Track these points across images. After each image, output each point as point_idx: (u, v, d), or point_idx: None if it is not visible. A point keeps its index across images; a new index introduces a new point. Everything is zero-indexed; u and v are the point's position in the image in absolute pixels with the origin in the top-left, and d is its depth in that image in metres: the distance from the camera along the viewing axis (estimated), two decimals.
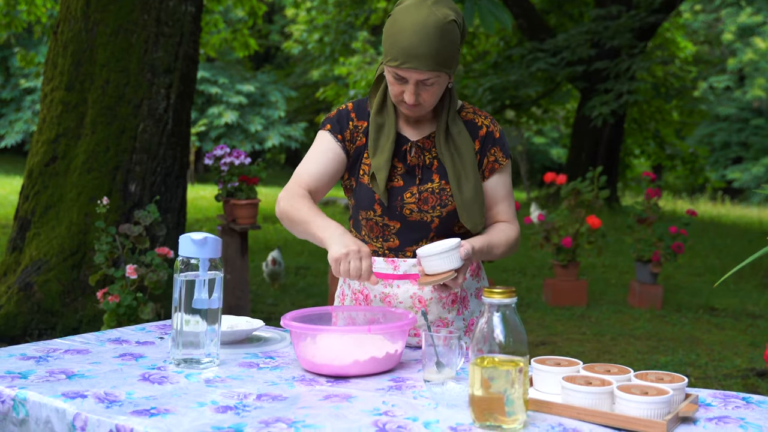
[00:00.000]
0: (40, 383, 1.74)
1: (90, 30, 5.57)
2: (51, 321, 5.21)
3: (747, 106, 26.42)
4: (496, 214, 2.27)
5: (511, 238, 2.24)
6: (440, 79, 2.08)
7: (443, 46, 2.02)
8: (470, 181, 2.16)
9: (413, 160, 2.19)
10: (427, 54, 2.01)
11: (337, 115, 2.26)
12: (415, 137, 2.22)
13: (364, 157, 2.22)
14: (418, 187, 2.18)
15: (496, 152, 2.24)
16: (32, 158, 5.65)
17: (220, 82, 23.24)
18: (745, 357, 5.80)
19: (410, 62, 2.02)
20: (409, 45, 2.01)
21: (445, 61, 2.04)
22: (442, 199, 2.17)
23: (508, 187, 2.28)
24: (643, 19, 14.25)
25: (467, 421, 1.55)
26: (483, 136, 2.24)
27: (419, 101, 2.10)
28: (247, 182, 5.52)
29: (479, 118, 2.26)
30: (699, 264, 10.54)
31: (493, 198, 2.25)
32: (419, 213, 2.17)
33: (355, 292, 2.27)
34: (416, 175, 2.19)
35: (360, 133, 2.24)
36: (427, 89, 2.08)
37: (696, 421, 1.61)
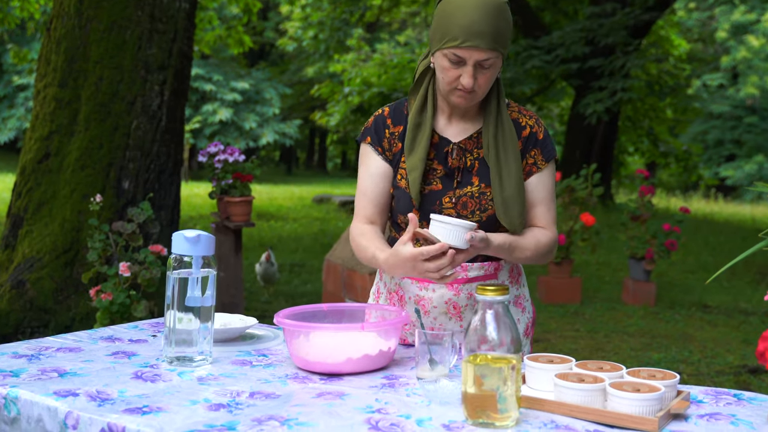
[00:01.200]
0: (31, 381, 1.74)
1: (83, 26, 5.56)
2: (44, 319, 5.20)
3: (740, 104, 26.46)
4: (532, 218, 2.19)
5: (542, 244, 2.15)
6: (497, 62, 2.03)
7: (502, 25, 1.99)
8: (512, 179, 2.09)
9: (454, 163, 2.13)
10: (488, 32, 1.96)
11: (374, 123, 2.23)
12: (457, 138, 2.16)
13: (401, 162, 2.18)
14: (455, 191, 2.13)
15: (536, 154, 2.17)
16: (25, 155, 5.63)
17: (215, 79, 23.22)
18: (738, 354, 5.82)
19: (471, 40, 1.96)
20: (470, 22, 1.96)
21: (504, 41, 2.00)
22: (481, 203, 2.12)
23: (547, 190, 2.19)
24: (638, 16, 14.27)
25: (460, 419, 1.55)
26: (525, 137, 2.17)
27: (474, 87, 2.03)
28: (241, 179, 5.52)
29: (524, 118, 2.19)
30: (692, 261, 10.56)
31: (529, 201, 2.17)
32: (458, 218, 2.09)
33: (390, 291, 2.24)
34: (455, 178, 2.13)
35: (396, 139, 2.19)
36: (485, 73, 2.02)
37: (687, 417, 1.61)
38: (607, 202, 15.89)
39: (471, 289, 2.14)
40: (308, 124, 30.58)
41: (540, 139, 2.18)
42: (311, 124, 29.00)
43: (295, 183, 25.24)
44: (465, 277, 2.13)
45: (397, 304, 2.21)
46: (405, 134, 2.17)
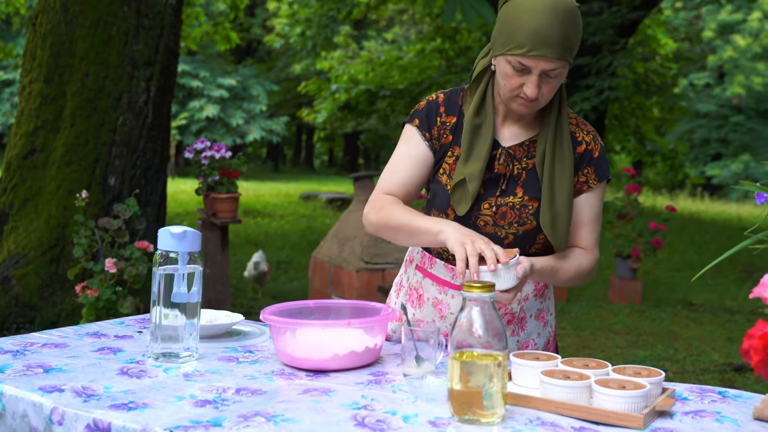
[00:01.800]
0: (17, 377, 1.73)
1: (69, 22, 5.53)
2: (29, 315, 5.17)
3: (727, 103, 26.61)
4: (576, 238, 2.07)
5: (583, 267, 2.05)
6: (563, 71, 1.90)
7: (573, 33, 1.86)
8: (564, 194, 1.98)
9: (500, 169, 2.02)
10: (557, 40, 1.83)
11: (427, 107, 2.09)
12: (508, 143, 2.04)
13: (447, 155, 2.06)
14: (497, 199, 2.02)
15: (589, 173, 2.05)
16: (10, 151, 5.60)
17: (201, 75, 23.15)
18: (723, 352, 5.85)
19: (538, 49, 1.83)
20: (538, 27, 1.82)
21: (572, 49, 1.87)
22: (521, 216, 2.01)
23: (595, 210, 2.07)
24: (625, 15, 14.31)
25: (446, 415, 1.56)
26: (580, 154, 2.05)
27: (538, 96, 1.91)
28: (227, 176, 5.51)
29: (581, 133, 2.07)
30: (678, 260, 10.61)
31: (576, 221, 2.05)
32: (494, 227, 2.02)
33: (411, 287, 2.19)
34: (499, 186, 2.02)
35: (447, 129, 2.07)
36: (550, 82, 1.90)
37: (672, 415, 1.62)
38: None
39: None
40: (295, 121, 30.55)
41: (595, 158, 2.05)
42: (298, 121, 28.97)
43: (282, 180, 25.20)
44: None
45: (416, 302, 2.17)
46: (456, 127, 2.06)
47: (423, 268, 2.16)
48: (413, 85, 16.96)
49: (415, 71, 17.72)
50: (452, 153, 2.06)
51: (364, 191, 6.89)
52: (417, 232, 1.95)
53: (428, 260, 2.14)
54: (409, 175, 2.08)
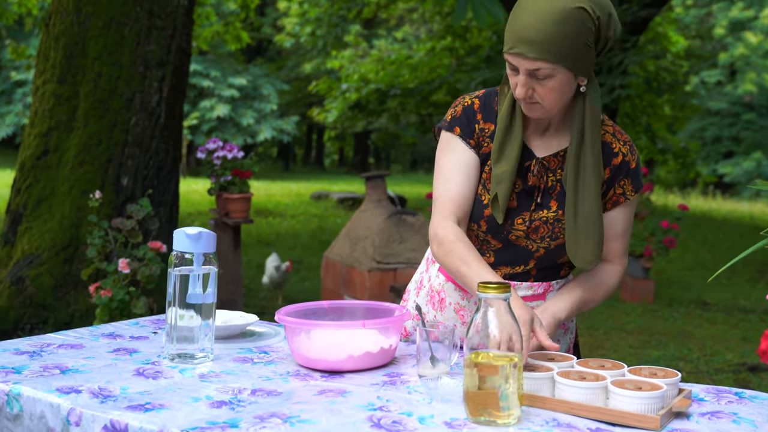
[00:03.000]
0: (34, 378, 1.74)
1: (82, 23, 5.55)
2: (43, 315, 5.20)
3: (738, 101, 26.50)
4: (608, 251, 2.04)
5: (610, 286, 2.05)
6: (558, 74, 1.82)
7: (561, 34, 1.78)
8: (589, 212, 1.91)
9: (534, 180, 1.97)
10: (538, 39, 1.78)
11: (464, 114, 2.02)
12: (542, 153, 1.98)
13: (486, 165, 2.01)
14: (530, 214, 1.97)
15: (626, 185, 1.99)
16: (24, 151, 5.63)
17: (212, 75, 23.20)
18: (737, 351, 5.82)
19: (518, 46, 1.80)
20: (520, 27, 1.80)
21: (561, 51, 1.79)
22: (554, 231, 1.97)
23: (627, 222, 2.03)
24: (635, 13, 14.26)
25: (462, 416, 1.55)
26: (616, 166, 1.98)
27: (535, 98, 1.86)
28: (240, 176, 5.52)
29: (617, 143, 1.99)
30: (691, 258, 10.57)
31: (608, 233, 2.00)
32: (526, 240, 1.99)
33: (433, 289, 2.18)
34: (533, 199, 1.98)
35: (486, 137, 2.01)
36: (542, 84, 1.84)
37: (689, 416, 1.61)
38: None
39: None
40: (306, 121, 30.57)
41: (632, 169, 1.99)
42: (309, 120, 28.99)
43: (293, 179, 25.24)
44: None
45: (437, 305, 2.16)
46: (494, 134, 1.99)
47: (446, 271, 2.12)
48: (423, 84, 16.95)
49: (426, 70, 17.71)
50: (489, 164, 2.00)
51: (375, 191, 6.89)
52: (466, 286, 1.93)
53: None
54: (465, 189, 2.00)
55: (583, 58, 1.84)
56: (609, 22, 1.85)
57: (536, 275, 2.06)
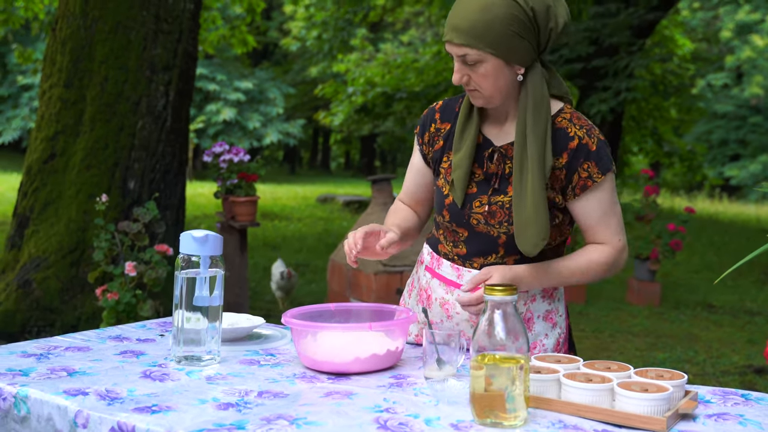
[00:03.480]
0: (41, 380, 1.75)
1: (89, 27, 5.57)
2: (50, 318, 5.21)
3: (745, 104, 26.44)
4: (592, 235, 2.06)
5: (595, 261, 2.04)
6: (487, 61, 1.90)
7: (485, 20, 1.86)
8: (531, 199, 1.94)
9: (492, 168, 2.04)
10: (464, 26, 1.88)
11: (425, 115, 2.18)
12: (500, 142, 2.05)
13: (443, 161, 2.11)
14: (489, 198, 2.03)
15: (590, 167, 1.99)
16: (31, 155, 5.65)
17: (218, 78, 23.23)
18: (743, 354, 5.81)
19: (448, 34, 1.92)
20: (451, 16, 1.92)
21: (485, 37, 1.87)
22: (510, 215, 2.00)
23: (605, 205, 2.02)
24: (642, 16, 14.25)
25: (468, 418, 1.56)
26: (573, 149, 1.99)
27: (472, 85, 1.95)
28: (246, 179, 5.52)
29: (573, 128, 2.01)
30: (697, 261, 10.55)
31: (586, 220, 2.03)
32: (486, 226, 2.03)
33: (421, 288, 2.21)
34: (491, 185, 2.04)
35: (440, 136, 2.13)
36: (475, 71, 1.92)
37: (695, 417, 1.61)
38: None
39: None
40: (312, 124, 30.59)
41: (593, 151, 1.99)
42: (315, 123, 29.02)
43: (299, 183, 25.26)
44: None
45: (425, 302, 2.18)
46: (449, 133, 2.11)
47: (431, 268, 2.18)
48: (429, 88, 16.95)
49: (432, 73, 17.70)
50: (447, 158, 2.11)
51: (381, 194, 6.89)
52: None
53: (436, 261, 2.16)
54: (412, 183, 2.24)
55: (513, 47, 1.90)
56: (547, 14, 1.92)
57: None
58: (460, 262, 2.09)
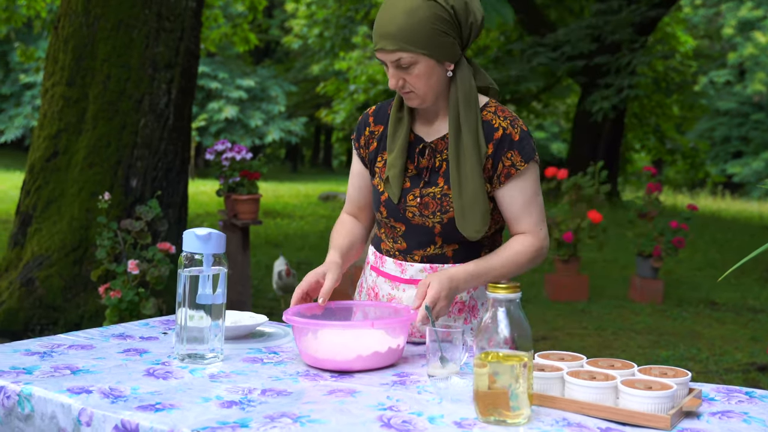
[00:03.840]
0: (45, 379, 1.75)
1: (91, 25, 5.57)
2: (53, 316, 5.21)
3: (747, 101, 26.41)
4: (515, 224, 2.13)
5: (521, 252, 2.10)
6: (420, 62, 1.98)
7: (411, 24, 1.94)
8: (471, 185, 2.04)
9: (423, 162, 2.12)
10: (392, 32, 1.96)
11: (360, 120, 2.28)
12: (430, 138, 2.14)
13: (377, 161, 2.20)
14: (420, 190, 2.12)
15: (513, 156, 2.07)
16: (33, 153, 5.65)
17: (220, 77, 23.23)
18: (746, 351, 5.81)
19: (379, 42, 1.99)
20: (378, 24, 1.99)
21: (414, 39, 1.95)
22: (443, 205, 2.09)
23: (527, 193, 2.10)
24: (644, 13, 14.24)
25: (472, 416, 1.56)
26: (498, 140, 2.07)
27: (407, 87, 2.03)
28: (248, 177, 5.52)
29: (497, 120, 2.10)
30: (700, 258, 10.54)
31: (510, 206, 2.11)
32: (421, 217, 2.11)
33: (369, 287, 2.28)
34: (422, 178, 2.12)
35: (374, 138, 2.22)
36: (410, 74, 2.00)
37: (700, 415, 1.61)
38: (613, 199, 15.87)
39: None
40: (314, 122, 30.60)
41: (516, 141, 2.07)
42: (317, 121, 29.03)
43: (301, 181, 25.26)
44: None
45: (374, 300, 2.25)
46: (383, 135, 2.20)
47: (376, 267, 2.26)
48: None
49: None
50: (381, 158, 2.19)
51: None
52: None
53: (380, 259, 2.24)
54: (355, 188, 2.31)
55: (441, 45, 1.99)
56: (466, 10, 2.02)
57: (454, 257, 2.14)
58: (401, 257, 2.17)
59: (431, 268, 2.13)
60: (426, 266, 2.13)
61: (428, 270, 2.13)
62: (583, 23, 14.81)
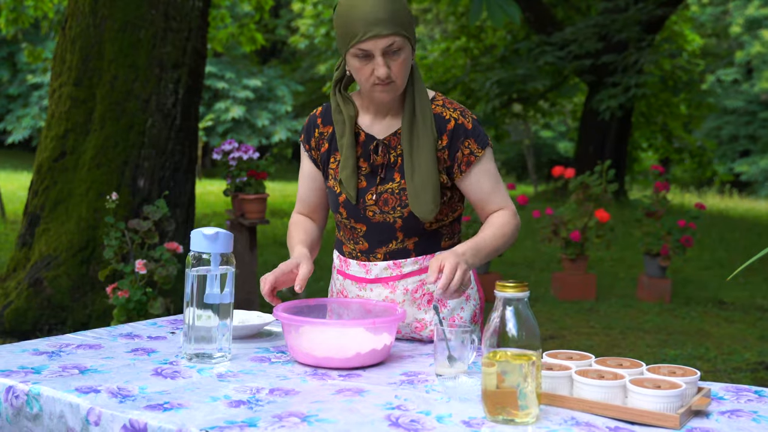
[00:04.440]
0: (53, 378, 1.75)
1: (98, 25, 5.58)
2: (61, 316, 5.22)
3: (755, 99, 26.32)
4: (485, 206, 2.18)
5: (505, 224, 2.14)
6: (405, 47, 2.02)
7: (397, 8, 2.00)
8: (423, 168, 2.08)
9: (378, 160, 2.14)
10: (385, 17, 1.97)
11: (307, 123, 2.27)
12: (382, 135, 2.17)
13: (330, 162, 2.21)
14: (377, 188, 2.14)
15: (470, 144, 2.12)
16: (41, 154, 5.66)
17: (227, 76, 23.24)
18: (755, 350, 5.79)
19: (371, 30, 1.97)
20: (364, 14, 1.98)
21: (403, 23, 2.00)
22: (401, 199, 2.12)
23: (492, 175, 2.17)
24: (651, 11, 14.20)
25: (480, 415, 1.55)
26: (451, 130, 2.12)
27: (392, 77, 2.03)
28: (255, 177, 5.53)
29: (447, 111, 2.14)
30: (707, 257, 10.52)
31: (478, 190, 2.16)
32: (381, 214, 2.14)
33: (338, 291, 2.30)
34: (378, 175, 2.15)
35: (324, 139, 2.23)
36: (395, 60, 2.02)
37: (709, 414, 1.60)
38: (621, 198, 15.84)
39: (407, 284, 2.17)
40: None
41: (470, 129, 2.13)
42: None
43: None
44: (399, 273, 2.17)
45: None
46: (333, 135, 2.21)
47: (342, 271, 2.27)
48: (438, 85, 16.94)
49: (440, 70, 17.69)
50: (334, 159, 2.21)
51: None
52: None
53: (344, 263, 2.26)
54: (306, 189, 2.32)
55: (413, 30, 2.06)
56: None
57: (415, 249, 2.17)
58: (364, 258, 2.20)
59: (395, 264, 2.16)
60: (389, 263, 2.16)
61: (392, 267, 2.16)
62: (590, 22, 14.78)
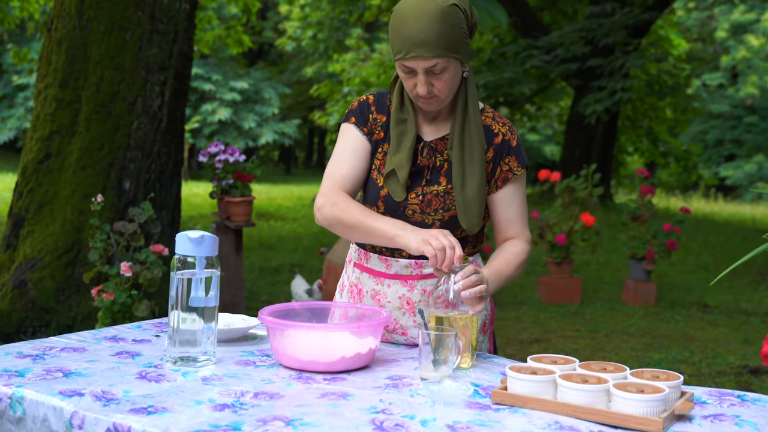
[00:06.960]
0: (37, 381, 1.74)
1: (84, 27, 5.56)
2: (45, 318, 5.20)
3: (740, 104, 26.47)
4: (507, 228, 2.22)
5: (521, 258, 2.18)
6: (450, 66, 2.04)
7: (446, 30, 1.99)
8: (475, 180, 2.11)
9: (424, 161, 2.16)
10: (429, 39, 1.98)
11: (359, 106, 2.24)
12: (430, 137, 2.19)
13: (378, 152, 2.21)
14: (423, 189, 2.15)
15: (510, 161, 2.18)
16: (26, 155, 5.63)
17: (214, 78, 23.20)
18: (738, 354, 5.82)
19: (414, 50, 2.00)
20: (410, 33, 1.99)
21: (450, 45, 2.01)
22: (445, 202, 2.14)
23: (521, 197, 2.22)
24: (637, 16, 14.26)
25: (464, 419, 1.56)
26: (498, 144, 2.18)
27: (433, 92, 2.07)
28: (241, 179, 5.52)
29: (497, 125, 2.20)
30: (692, 261, 10.57)
31: (505, 209, 2.20)
32: (421, 215, 2.15)
33: (351, 285, 2.29)
34: (424, 176, 2.16)
35: (378, 126, 2.22)
36: (439, 78, 2.04)
37: (692, 418, 1.61)
38: (606, 202, 15.89)
39: (425, 285, 2.17)
40: (307, 124, 30.55)
41: (514, 146, 2.19)
42: (310, 123, 28.99)
43: (295, 183, 25.23)
44: (420, 274, 2.18)
45: (356, 297, 2.26)
46: (386, 125, 2.21)
47: (360, 264, 2.27)
48: None
49: None
50: (382, 149, 2.21)
51: None
52: (373, 233, 2.07)
53: (364, 256, 2.26)
54: (354, 167, 2.19)
55: (465, 47, 2.07)
56: (471, 11, 2.10)
57: None
58: (388, 253, 2.19)
59: (416, 263, 2.16)
60: (411, 261, 2.17)
61: (413, 266, 2.16)
62: (576, 26, 14.82)
